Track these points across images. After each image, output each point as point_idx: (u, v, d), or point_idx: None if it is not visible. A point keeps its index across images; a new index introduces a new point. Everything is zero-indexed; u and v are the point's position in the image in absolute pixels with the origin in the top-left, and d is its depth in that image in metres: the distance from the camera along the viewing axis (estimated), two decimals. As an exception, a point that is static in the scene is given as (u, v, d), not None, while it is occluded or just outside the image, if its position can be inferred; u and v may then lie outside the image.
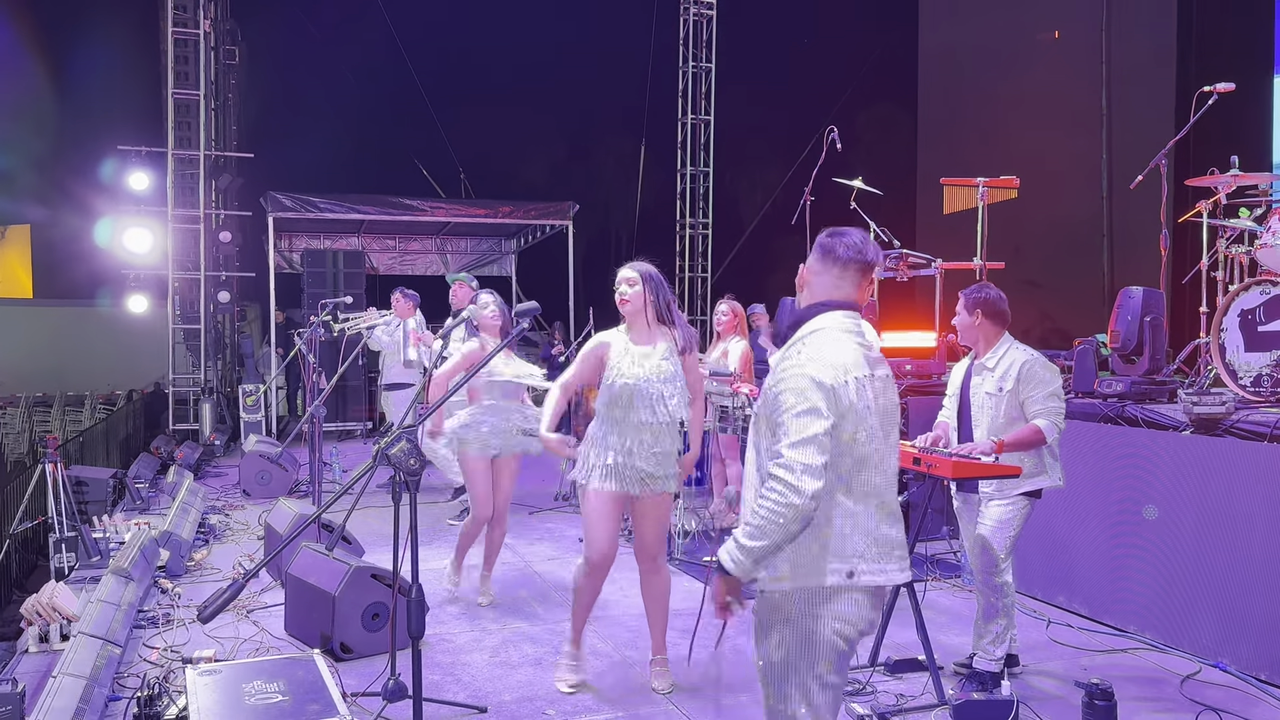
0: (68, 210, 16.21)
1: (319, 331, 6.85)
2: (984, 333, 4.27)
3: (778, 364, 2.57)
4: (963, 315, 4.30)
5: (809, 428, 2.39)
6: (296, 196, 11.90)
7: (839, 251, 2.60)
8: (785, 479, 2.36)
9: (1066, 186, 11.79)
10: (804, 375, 2.44)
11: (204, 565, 6.20)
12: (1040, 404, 4.08)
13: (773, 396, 2.50)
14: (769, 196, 15.16)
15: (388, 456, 2.87)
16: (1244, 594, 4.34)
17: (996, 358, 4.24)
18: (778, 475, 2.38)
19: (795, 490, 2.35)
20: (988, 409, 4.21)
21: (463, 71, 14.92)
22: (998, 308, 4.26)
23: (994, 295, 4.29)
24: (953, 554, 6.31)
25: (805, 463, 2.36)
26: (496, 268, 15.96)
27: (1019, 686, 4.12)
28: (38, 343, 17.01)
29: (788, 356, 2.54)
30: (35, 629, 4.56)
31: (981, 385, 4.27)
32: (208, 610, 2.55)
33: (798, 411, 2.41)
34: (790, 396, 2.44)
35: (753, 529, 2.39)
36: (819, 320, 2.58)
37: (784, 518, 2.36)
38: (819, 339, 2.53)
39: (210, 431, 11.59)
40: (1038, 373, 4.12)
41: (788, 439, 2.40)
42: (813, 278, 2.64)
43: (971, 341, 4.33)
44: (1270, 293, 4.79)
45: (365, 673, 4.30)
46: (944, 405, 4.58)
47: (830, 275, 2.61)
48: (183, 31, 12.04)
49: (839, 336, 2.54)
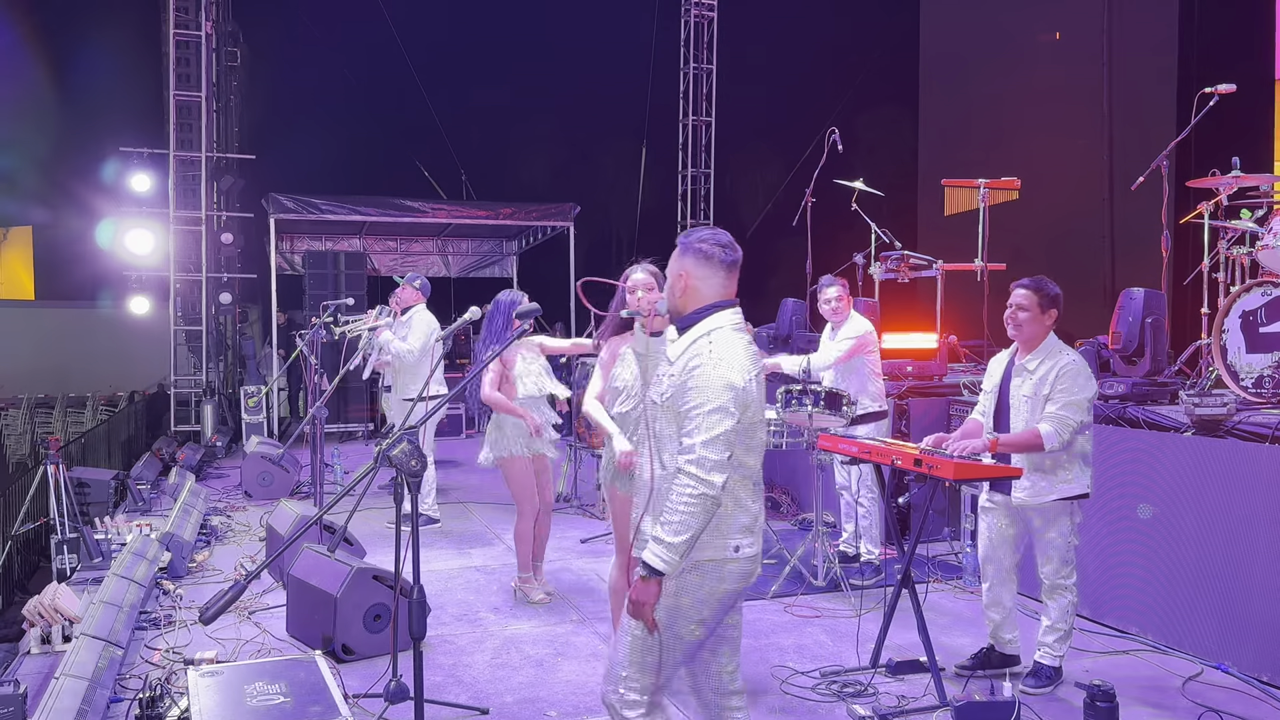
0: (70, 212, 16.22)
1: (320, 333, 6.85)
2: (1041, 331, 4.17)
3: (681, 356, 2.72)
4: (1032, 311, 4.15)
5: (719, 426, 2.59)
6: (298, 198, 11.91)
7: (719, 255, 2.77)
8: (698, 474, 2.57)
9: (1068, 188, 11.78)
10: (717, 375, 2.62)
11: (206, 567, 6.21)
12: (1056, 408, 4.02)
13: (682, 388, 2.65)
14: (770, 198, 15.14)
15: (389, 458, 2.88)
16: (1246, 595, 4.34)
17: (1038, 360, 4.16)
18: (691, 471, 2.57)
19: (708, 484, 2.57)
20: (1024, 412, 4.17)
21: (464, 73, 14.91)
22: (1062, 306, 4.19)
23: (1061, 293, 4.20)
24: (954, 555, 6.30)
25: (715, 459, 2.58)
26: (498, 269, 15.97)
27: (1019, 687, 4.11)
28: (40, 344, 17.00)
29: (696, 353, 2.68)
30: (37, 630, 4.57)
31: (1020, 388, 4.21)
32: (209, 612, 2.56)
33: (709, 409, 2.60)
34: (702, 394, 2.61)
35: (675, 525, 2.58)
36: (715, 319, 2.74)
37: (701, 509, 2.58)
38: (722, 337, 2.70)
39: (212, 433, 11.59)
40: (1071, 377, 4.03)
41: (700, 435, 2.59)
42: (698, 282, 2.78)
43: (1027, 339, 4.19)
44: (1271, 294, 4.78)
45: (367, 674, 4.31)
46: (979, 401, 4.53)
47: (717, 278, 2.78)
48: (184, 33, 12.05)
49: (734, 335, 2.73)
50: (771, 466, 8.10)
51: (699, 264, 2.77)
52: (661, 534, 2.59)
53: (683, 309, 2.80)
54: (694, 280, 2.77)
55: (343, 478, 8.90)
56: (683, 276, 2.78)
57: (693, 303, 2.78)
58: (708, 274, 2.77)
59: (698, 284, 2.77)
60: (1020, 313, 4.18)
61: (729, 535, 2.71)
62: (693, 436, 2.60)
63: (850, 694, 4.18)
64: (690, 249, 2.79)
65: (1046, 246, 11.69)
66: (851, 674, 4.39)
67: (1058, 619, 4.24)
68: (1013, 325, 4.22)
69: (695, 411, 2.61)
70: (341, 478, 8.88)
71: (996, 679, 4.28)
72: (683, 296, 2.79)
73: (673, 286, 2.81)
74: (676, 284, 2.80)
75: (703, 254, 2.77)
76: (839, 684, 4.28)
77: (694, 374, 2.64)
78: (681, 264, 2.80)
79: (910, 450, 4.27)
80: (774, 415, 5.87)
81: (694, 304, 2.78)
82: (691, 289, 2.78)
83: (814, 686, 4.29)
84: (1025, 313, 4.17)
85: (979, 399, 4.55)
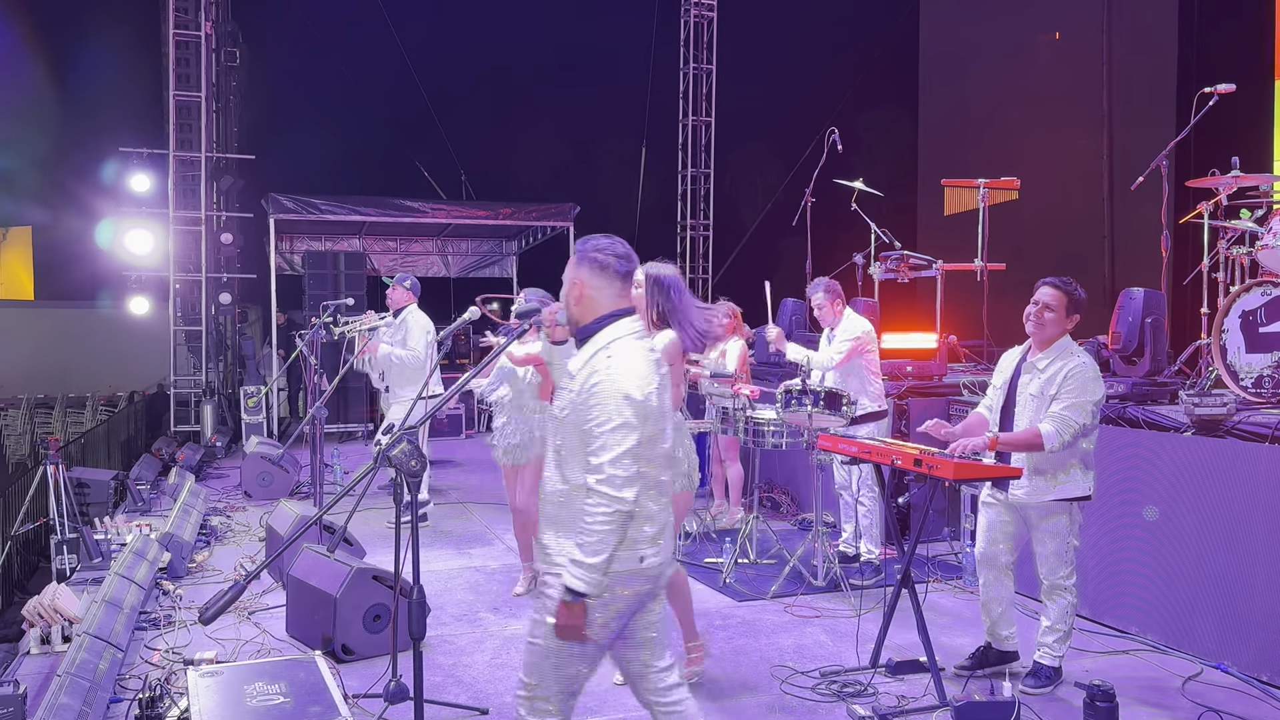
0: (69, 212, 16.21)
1: (320, 333, 6.85)
2: (1060, 333, 4.16)
3: (581, 370, 2.70)
4: (1059, 313, 4.13)
5: (624, 441, 2.59)
6: (298, 198, 11.90)
7: (615, 266, 2.77)
8: (609, 493, 2.57)
9: (1067, 187, 11.78)
10: (617, 390, 2.61)
11: (205, 567, 6.21)
12: (1060, 408, 4.00)
13: (583, 405, 2.64)
14: (770, 198, 15.13)
15: (389, 458, 2.87)
16: (1246, 595, 4.34)
17: (1048, 360, 4.15)
18: (601, 491, 2.58)
19: (619, 500, 2.58)
20: (1028, 410, 4.16)
21: (464, 73, 14.91)
22: (1083, 312, 4.19)
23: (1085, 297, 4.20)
24: (954, 555, 6.30)
25: (624, 475, 2.58)
26: (497, 269, 15.96)
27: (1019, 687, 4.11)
28: (39, 344, 17.00)
29: (594, 368, 2.67)
30: (37, 631, 4.57)
31: (1027, 386, 4.20)
32: (209, 612, 2.56)
33: (613, 426, 2.59)
34: (604, 410, 2.60)
35: (593, 546, 2.58)
36: (614, 329, 2.74)
37: (615, 526, 2.59)
38: (621, 348, 2.69)
39: (212, 433, 11.59)
40: (1078, 379, 4.02)
41: (607, 454, 2.58)
42: (593, 292, 2.76)
43: (1045, 338, 4.17)
44: (1271, 294, 4.78)
45: (367, 674, 4.31)
46: (987, 394, 4.53)
47: (613, 288, 2.77)
48: (184, 33, 12.05)
49: (635, 344, 2.72)
50: (771, 467, 8.10)
51: (594, 273, 2.76)
52: (580, 556, 2.59)
53: (581, 319, 2.79)
54: (589, 290, 2.76)
55: (342, 478, 8.90)
56: (578, 285, 2.77)
57: (589, 313, 2.77)
58: (603, 284, 2.76)
59: (593, 294, 2.76)
60: (1047, 312, 4.15)
61: (636, 547, 2.71)
62: (599, 455, 2.59)
63: (850, 694, 4.18)
64: (586, 258, 2.78)
65: (1046, 246, 11.70)
66: (851, 674, 4.40)
67: (1057, 619, 4.24)
68: (1035, 323, 4.18)
69: (599, 430, 2.60)
70: (341, 478, 8.88)
71: (996, 678, 4.29)
72: (578, 306, 2.78)
73: (568, 295, 2.80)
74: (572, 292, 2.78)
75: (598, 263, 2.76)
76: (839, 684, 4.28)
77: (594, 392, 2.63)
78: (577, 273, 2.78)
79: (910, 450, 4.27)
80: (773, 415, 5.88)
81: (591, 314, 2.77)
82: (587, 298, 2.77)
83: (814, 686, 4.29)
84: (1051, 313, 4.14)
85: (986, 393, 4.55)
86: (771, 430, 5.96)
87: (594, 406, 2.62)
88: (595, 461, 2.60)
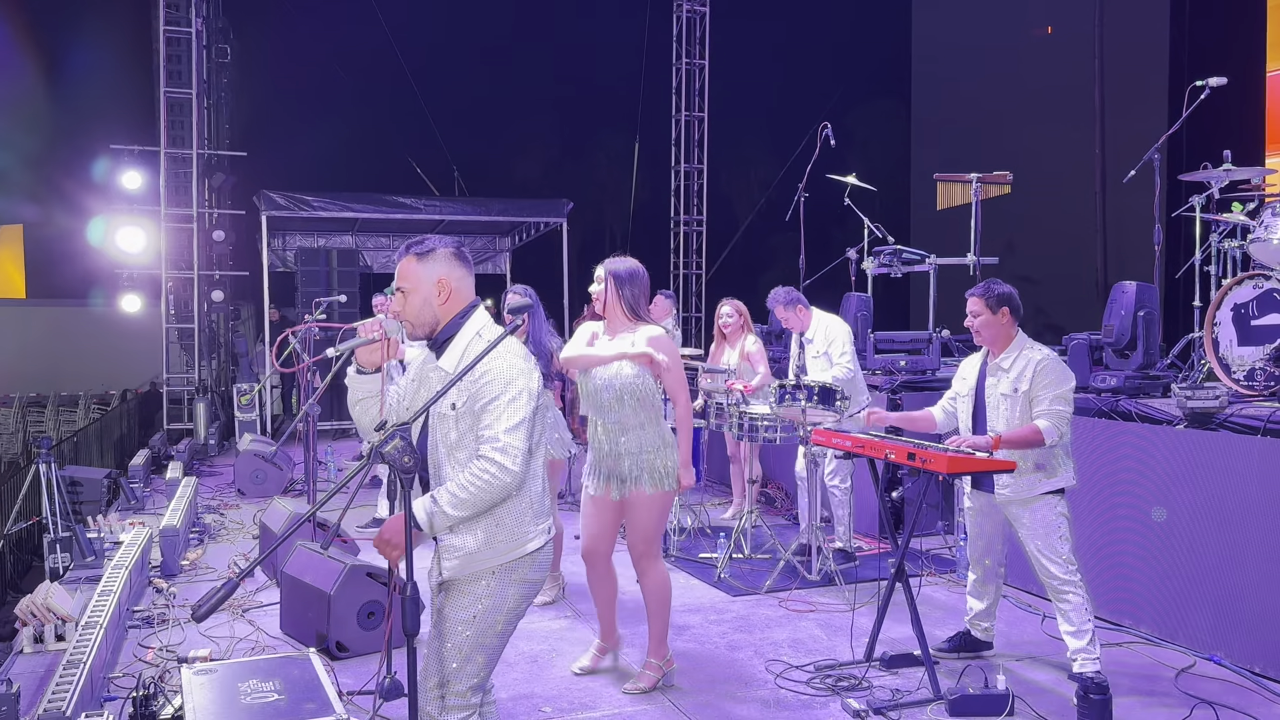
0: (60, 209, 16.18)
1: (313, 330, 6.83)
2: (1005, 331, 4.20)
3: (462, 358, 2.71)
4: (985, 315, 4.19)
5: (518, 413, 2.63)
6: (290, 195, 11.86)
7: (468, 256, 2.86)
8: (500, 460, 2.59)
9: (1060, 181, 11.80)
10: (508, 364, 2.65)
11: (199, 565, 6.19)
12: (1046, 404, 4.04)
13: (477, 385, 2.65)
14: (763, 193, 15.13)
15: (381, 454, 2.86)
16: (1239, 587, 4.36)
17: (1011, 358, 4.18)
18: (492, 457, 2.59)
19: (508, 471, 2.60)
20: (1003, 410, 4.18)
21: (456, 69, 14.87)
22: (1017, 302, 4.21)
23: (1012, 290, 4.22)
24: (947, 549, 6.32)
25: (519, 446, 2.62)
26: (491, 266, 15.94)
27: (1013, 681, 4.12)
28: (31, 343, 16.97)
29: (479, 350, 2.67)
30: (30, 629, 4.56)
31: (997, 386, 4.22)
32: (202, 609, 2.54)
33: (510, 397, 2.63)
34: (499, 384, 2.63)
35: (459, 500, 2.60)
36: (478, 317, 2.79)
37: (491, 493, 2.61)
38: (494, 331, 2.75)
39: (205, 431, 11.56)
40: (1051, 372, 4.07)
41: (503, 424, 2.62)
42: (458, 284, 2.78)
43: (991, 340, 4.23)
44: (1263, 287, 4.80)
45: (361, 671, 4.30)
46: (944, 397, 4.56)
47: (471, 277, 2.84)
48: (175, 30, 12.00)
49: (498, 329, 2.77)
50: (766, 461, 8.10)
51: (455, 265, 2.78)
52: (443, 499, 2.61)
53: (447, 315, 2.78)
54: (454, 282, 2.77)
55: (336, 475, 8.89)
56: (445, 282, 2.75)
57: (456, 306, 2.78)
58: (464, 274, 2.80)
59: (459, 285, 2.78)
60: (976, 319, 4.23)
61: (535, 522, 2.76)
62: (494, 427, 2.62)
63: (844, 688, 4.19)
64: (441, 255, 2.77)
65: (1038, 240, 11.72)
66: (846, 668, 4.40)
67: (1074, 620, 4.08)
68: (977, 334, 4.26)
69: (494, 403, 2.63)
70: (335, 475, 8.87)
71: (975, 661, 4.31)
72: (447, 303, 2.77)
73: (434, 297, 2.75)
74: (440, 292, 2.75)
75: (458, 256, 2.80)
76: (833, 678, 4.29)
77: (486, 370, 2.64)
78: (436, 270, 2.75)
79: (903, 445, 4.27)
80: (767, 410, 5.88)
81: (457, 306, 2.78)
82: (456, 291, 2.77)
83: (808, 680, 4.30)
84: (979, 318, 4.22)
85: (944, 398, 4.57)
86: (765, 425, 5.96)
87: (488, 383, 2.63)
88: (490, 433, 2.62)
